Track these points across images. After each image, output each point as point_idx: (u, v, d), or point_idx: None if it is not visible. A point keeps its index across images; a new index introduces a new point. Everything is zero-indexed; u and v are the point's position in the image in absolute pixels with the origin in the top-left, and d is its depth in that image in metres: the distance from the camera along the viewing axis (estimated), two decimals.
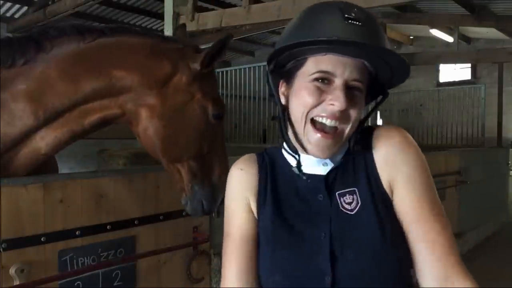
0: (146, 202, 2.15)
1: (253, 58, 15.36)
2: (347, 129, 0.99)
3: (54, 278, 1.74)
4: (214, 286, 2.55)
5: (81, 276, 1.84)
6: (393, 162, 0.99)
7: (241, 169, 1.10)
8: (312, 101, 0.97)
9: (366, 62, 0.99)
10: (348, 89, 0.97)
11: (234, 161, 1.16)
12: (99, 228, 1.93)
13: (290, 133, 1.06)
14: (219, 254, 2.56)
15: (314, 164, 1.04)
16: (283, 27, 1.11)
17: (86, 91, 1.69)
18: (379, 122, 9.58)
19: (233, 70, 6.81)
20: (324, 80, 0.97)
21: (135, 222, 2.08)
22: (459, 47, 10.19)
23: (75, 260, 1.83)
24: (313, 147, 0.98)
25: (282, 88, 1.07)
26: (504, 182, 7.86)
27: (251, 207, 1.07)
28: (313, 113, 0.98)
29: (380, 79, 1.05)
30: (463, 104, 8.74)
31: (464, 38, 12.46)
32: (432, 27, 11.38)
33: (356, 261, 0.94)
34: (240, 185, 1.09)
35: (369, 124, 1.13)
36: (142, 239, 2.12)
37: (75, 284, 1.83)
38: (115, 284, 2.00)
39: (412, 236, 0.96)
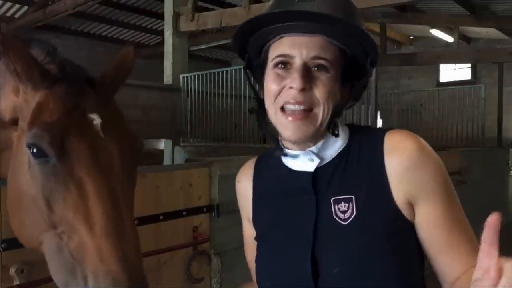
0: (146, 202, 2.15)
1: None
2: (319, 111, 0.93)
3: None
4: (214, 286, 2.55)
5: None
6: (412, 177, 0.91)
7: (238, 182, 1.15)
8: (274, 88, 0.95)
9: (330, 39, 0.94)
10: (312, 70, 0.93)
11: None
12: None
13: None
14: (219, 254, 2.56)
15: (300, 160, 0.99)
16: None
17: None
18: (379, 122, 9.56)
19: (233, 70, 6.79)
20: (285, 64, 0.95)
21: (135, 222, 2.08)
22: (459, 47, 10.18)
23: None
24: (285, 130, 0.95)
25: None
26: (504, 182, 7.86)
27: (248, 215, 1.12)
28: (280, 101, 0.94)
29: (359, 58, 0.98)
30: (463, 104, 8.72)
31: (464, 38, 12.45)
32: (432, 27, 11.37)
33: (340, 276, 0.89)
34: (239, 197, 1.15)
35: (369, 124, 1.11)
36: (142, 239, 2.11)
37: None
38: None
39: (435, 250, 0.93)
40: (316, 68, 0.93)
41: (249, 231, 1.12)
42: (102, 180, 0.97)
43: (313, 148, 0.97)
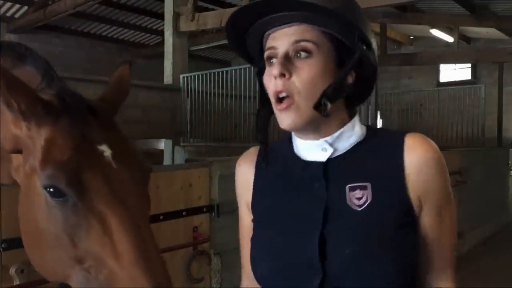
0: None
1: None
2: (300, 100, 0.94)
3: None
4: (214, 286, 2.55)
5: None
6: (427, 177, 0.96)
7: (239, 165, 1.15)
8: (269, 84, 0.98)
9: (310, 25, 0.95)
10: (294, 59, 0.95)
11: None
12: None
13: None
14: (219, 254, 2.56)
15: (313, 150, 1.01)
16: None
17: None
18: (379, 122, 9.56)
19: (233, 70, 6.79)
20: (273, 58, 0.98)
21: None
22: (459, 47, 10.19)
23: None
24: (280, 122, 0.97)
25: None
26: (504, 182, 7.87)
27: (248, 201, 1.11)
28: (273, 93, 0.97)
29: (345, 38, 0.98)
30: (463, 104, 8.73)
31: (464, 38, 12.45)
32: (432, 27, 11.38)
33: (352, 258, 0.91)
34: (238, 181, 1.15)
35: (369, 123, 1.12)
36: None
37: None
38: None
39: (428, 249, 1.00)
40: (298, 55, 0.95)
41: (247, 217, 1.12)
42: (122, 210, 0.98)
43: (328, 138, 0.99)
